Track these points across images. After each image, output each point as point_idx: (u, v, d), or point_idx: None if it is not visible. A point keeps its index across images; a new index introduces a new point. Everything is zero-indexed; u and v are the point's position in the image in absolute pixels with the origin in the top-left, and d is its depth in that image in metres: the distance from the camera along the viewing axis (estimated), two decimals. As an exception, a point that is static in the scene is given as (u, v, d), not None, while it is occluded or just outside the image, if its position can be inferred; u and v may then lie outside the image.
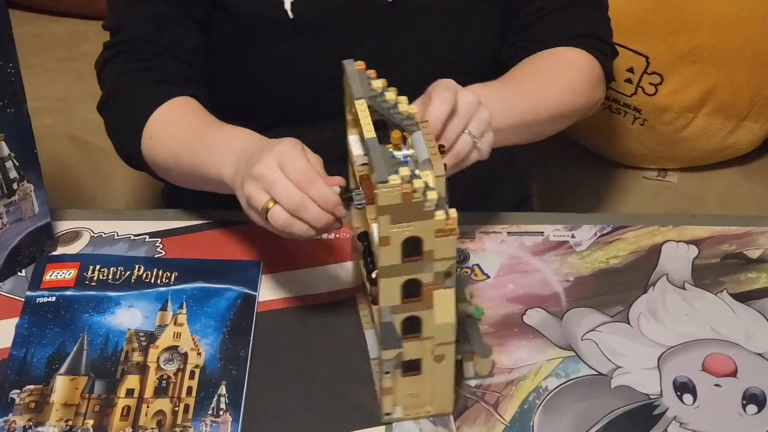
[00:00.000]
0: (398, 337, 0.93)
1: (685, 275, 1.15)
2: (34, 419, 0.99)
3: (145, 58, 1.16)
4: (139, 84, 1.15)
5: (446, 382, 0.98)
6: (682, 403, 1.02)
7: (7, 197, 1.11)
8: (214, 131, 1.08)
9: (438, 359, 0.96)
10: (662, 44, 1.55)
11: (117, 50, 1.18)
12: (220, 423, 0.99)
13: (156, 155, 1.12)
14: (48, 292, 1.11)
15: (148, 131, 1.12)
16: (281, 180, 0.95)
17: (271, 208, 0.96)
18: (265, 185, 0.96)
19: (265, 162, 0.96)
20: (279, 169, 0.95)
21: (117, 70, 1.17)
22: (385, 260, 0.89)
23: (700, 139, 1.64)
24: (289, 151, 0.96)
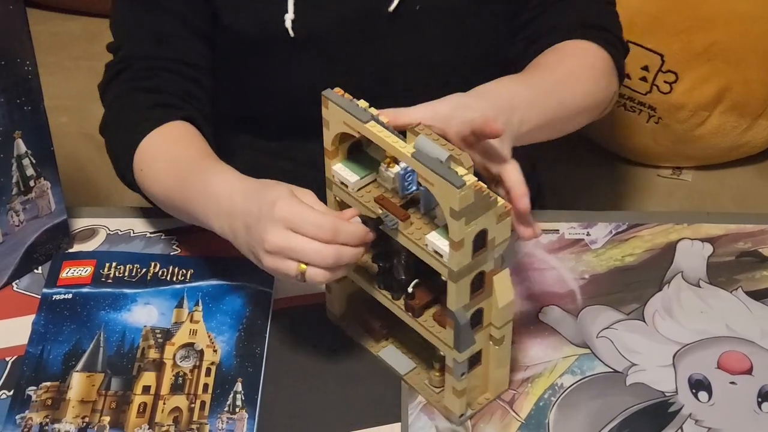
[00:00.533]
0: (472, 334, 0.94)
1: (700, 273, 1.15)
2: (51, 416, 1.00)
3: (143, 76, 1.14)
4: (132, 109, 1.13)
5: (505, 361, 0.99)
6: (697, 400, 1.02)
7: (23, 194, 1.11)
8: (198, 174, 1.03)
9: (497, 342, 0.96)
10: (677, 42, 1.55)
11: (117, 70, 1.16)
12: (236, 420, 1.00)
13: (148, 189, 1.10)
14: (64, 289, 1.11)
15: (138, 163, 1.09)
16: (304, 244, 0.90)
17: (306, 271, 0.91)
18: (288, 255, 0.91)
19: (275, 233, 0.91)
20: (293, 234, 0.91)
21: (115, 92, 1.15)
22: (458, 263, 0.89)
23: (715, 137, 1.64)
24: (291, 209, 0.91)
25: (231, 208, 0.97)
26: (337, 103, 0.93)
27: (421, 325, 0.97)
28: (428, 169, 0.87)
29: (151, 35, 1.15)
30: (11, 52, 1.04)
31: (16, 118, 1.07)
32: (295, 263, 0.92)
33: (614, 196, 1.66)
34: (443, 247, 0.90)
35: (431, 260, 0.92)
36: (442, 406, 1.00)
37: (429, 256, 0.92)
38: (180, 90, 1.14)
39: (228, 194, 0.98)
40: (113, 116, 1.15)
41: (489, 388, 1.00)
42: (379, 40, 1.15)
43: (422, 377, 1.02)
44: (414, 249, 0.93)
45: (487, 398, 1.01)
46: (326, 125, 0.95)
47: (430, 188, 0.88)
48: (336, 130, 0.95)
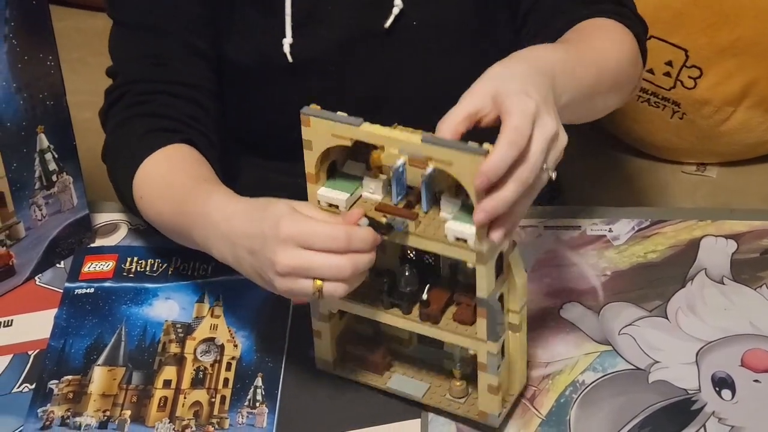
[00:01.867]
0: (504, 319, 0.93)
1: (724, 270, 1.14)
2: (72, 409, 1.00)
3: (142, 101, 1.11)
4: (131, 136, 1.10)
5: (524, 351, 0.97)
6: (720, 398, 1.02)
7: (46, 189, 1.12)
8: (193, 200, 1.00)
9: (516, 328, 0.95)
10: (702, 37, 1.54)
11: (116, 96, 1.13)
12: (257, 414, 1.00)
13: (148, 216, 1.07)
14: (86, 283, 1.12)
15: (136, 190, 1.07)
16: (318, 259, 0.87)
17: (324, 287, 0.88)
18: (302, 274, 0.88)
19: (285, 253, 0.88)
20: (305, 251, 0.87)
21: (115, 120, 1.13)
22: (485, 244, 0.87)
23: (740, 132, 1.63)
24: (299, 225, 0.88)
25: (230, 234, 0.93)
26: (322, 116, 0.89)
27: (442, 331, 0.95)
28: (445, 147, 0.85)
29: (149, 58, 1.12)
30: (34, 47, 1.05)
31: (39, 113, 1.08)
32: (310, 281, 0.88)
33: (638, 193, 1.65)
34: (467, 231, 0.88)
35: (453, 251, 0.90)
36: (474, 414, 0.97)
37: (450, 247, 0.90)
38: (180, 113, 1.11)
39: (225, 218, 0.94)
40: (113, 144, 1.13)
41: (513, 384, 0.99)
42: (376, 58, 1.14)
43: (440, 393, 1.00)
44: (430, 246, 0.91)
45: (512, 395, 0.99)
46: (308, 146, 0.91)
47: (447, 169, 0.86)
48: (321, 149, 0.91)
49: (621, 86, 1.11)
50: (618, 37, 1.12)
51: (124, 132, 1.11)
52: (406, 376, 1.01)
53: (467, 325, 0.94)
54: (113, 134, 1.13)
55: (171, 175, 1.06)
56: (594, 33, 1.11)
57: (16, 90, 1.05)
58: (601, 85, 1.05)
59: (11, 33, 1.02)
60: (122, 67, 1.15)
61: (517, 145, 0.84)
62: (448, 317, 0.95)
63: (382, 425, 0.99)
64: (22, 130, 1.07)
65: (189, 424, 0.99)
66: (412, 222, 0.91)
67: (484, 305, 0.91)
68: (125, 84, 1.13)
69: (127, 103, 1.12)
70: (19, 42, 1.03)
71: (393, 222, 0.91)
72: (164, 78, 1.12)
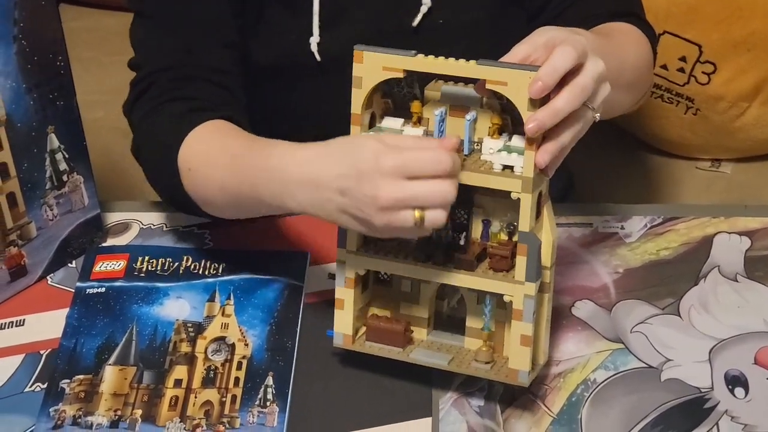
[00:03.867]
0: (540, 263, 0.93)
1: (738, 267, 1.13)
2: (84, 408, 1.00)
3: (173, 87, 1.09)
4: (166, 118, 1.07)
5: (549, 318, 0.97)
6: (733, 396, 1.01)
7: (57, 189, 1.12)
8: (256, 153, 0.98)
9: (547, 288, 0.95)
10: (715, 32, 1.53)
11: (143, 86, 1.11)
12: (267, 413, 1.00)
13: (198, 188, 1.04)
14: (98, 283, 1.12)
15: (183, 163, 1.03)
16: (424, 187, 0.86)
17: (426, 215, 0.87)
18: (406, 205, 0.87)
19: (389, 186, 0.86)
20: (409, 182, 0.86)
21: (143, 111, 1.10)
22: (533, 169, 0.89)
23: (755, 128, 1.62)
24: (401, 156, 0.86)
25: (313, 178, 0.90)
26: (375, 50, 0.92)
27: (479, 278, 0.94)
28: (499, 67, 0.88)
29: (178, 47, 1.11)
30: (44, 47, 1.05)
31: (49, 113, 1.08)
32: (412, 212, 0.87)
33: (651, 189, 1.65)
34: (515, 158, 0.89)
35: (502, 181, 0.90)
36: (504, 375, 0.96)
37: (498, 178, 0.90)
38: (213, 96, 1.10)
39: (300, 164, 0.92)
40: (145, 134, 1.10)
41: (538, 352, 0.97)
42: None
43: (468, 360, 0.98)
44: (479, 180, 0.91)
45: (539, 364, 0.98)
46: (358, 84, 0.93)
47: (502, 90, 0.88)
48: (370, 85, 0.93)
49: (636, 85, 1.12)
50: (636, 38, 1.13)
51: (157, 118, 1.09)
52: (428, 350, 1.00)
53: (502, 272, 0.94)
54: (145, 122, 1.10)
55: (221, 142, 1.03)
56: (615, 31, 1.11)
57: (26, 90, 1.05)
58: (621, 78, 1.04)
59: (21, 33, 1.03)
60: (150, 58, 1.13)
61: (570, 57, 0.88)
62: (484, 267, 0.95)
63: (394, 424, 0.99)
64: (33, 130, 1.08)
65: (200, 423, 0.99)
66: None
67: (524, 240, 0.91)
68: (153, 73, 1.11)
69: (158, 91, 1.10)
70: (28, 42, 1.03)
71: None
72: (195, 64, 1.10)
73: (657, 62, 1.57)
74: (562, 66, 0.87)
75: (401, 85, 0.97)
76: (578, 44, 0.89)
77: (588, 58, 0.90)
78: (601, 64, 0.91)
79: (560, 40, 0.90)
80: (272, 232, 1.17)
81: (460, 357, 0.99)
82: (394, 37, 1.13)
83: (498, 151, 0.91)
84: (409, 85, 0.97)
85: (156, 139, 1.08)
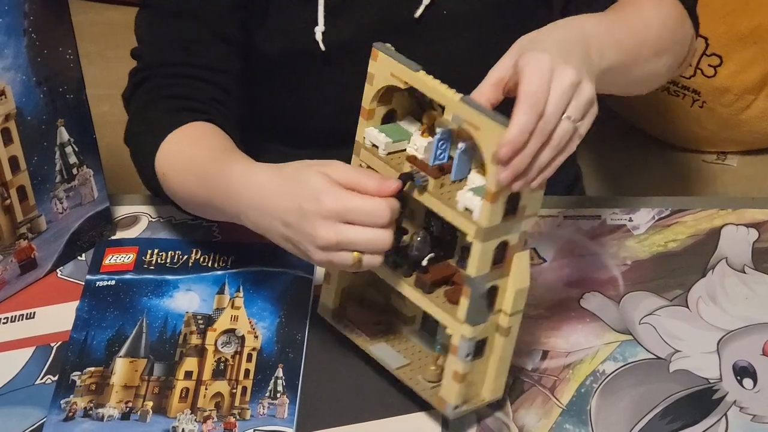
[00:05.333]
0: (486, 309, 0.92)
1: (745, 259, 1.13)
2: (95, 401, 1.01)
3: (167, 84, 1.12)
4: (154, 115, 1.11)
5: (507, 360, 0.96)
6: (742, 387, 1.01)
7: (67, 182, 1.12)
8: (222, 170, 1.01)
9: (505, 332, 0.94)
10: (722, 25, 1.53)
11: (140, 78, 1.14)
12: (277, 405, 1.00)
13: (172, 192, 1.08)
14: (107, 275, 1.12)
15: (159, 167, 1.07)
16: (360, 234, 0.89)
17: (363, 259, 0.90)
18: (343, 248, 0.90)
19: (327, 229, 0.89)
20: (346, 226, 0.89)
21: (138, 102, 1.13)
22: (489, 219, 0.87)
23: (761, 121, 1.62)
24: (341, 202, 0.89)
25: (262, 204, 0.94)
26: (389, 53, 0.93)
27: (428, 301, 0.95)
28: (476, 111, 0.87)
29: (176, 42, 1.13)
30: (53, 41, 1.05)
31: (59, 106, 1.08)
32: (350, 254, 0.90)
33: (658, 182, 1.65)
34: (476, 203, 0.88)
35: (459, 220, 0.90)
36: (436, 399, 0.97)
37: (457, 215, 0.90)
38: (205, 96, 1.12)
39: (252, 190, 0.96)
40: (135, 124, 1.13)
41: (485, 389, 0.97)
42: (407, 47, 1.12)
43: (416, 372, 0.99)
44: (440, 209, 0.91)
45: (482, 400, 0.97)
46: (370, 80, 0.94)
47: (474, 133, 0.87)
48: (380, 84, 0.94)
49: (667, 49, 1.07)
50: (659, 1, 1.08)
51: (146, 113, 1.12)
52: (391, 348, 1.01)
53: (454, 304, 0.93)
54: (136, 115, 1.14)
55: (193, 149, 1.06)
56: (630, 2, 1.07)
57: (36, 84, 1.06)
58: (645, 47, 1.02)
59: (30, 27, 1.03)
60: (148, 50, 1.15)
61: (534, 109, 0.85)
62: (440, 292, 0.95)
63: (404, 415, 0.99)
64: (43, 123, 1.08)
65: (210, 415, 0.99)
66: (433, 181, 0.92)
67: (469, 284, 0.90)
68: (150, 67, 1.14)
69: (152, 86, 1.13)
70: (38, 36, 1.04)
71: (415, 174, 0.92)
72: (190, 62, 1.13)
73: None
74: (528, 125, 0.85)
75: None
76: (541, 68, 0.86)
77: (554, 76, 0.86)
78: (569, 73, 0.87)
79: (524, 58, 0.88)
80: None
81: (414, 366, 0.99)
82: (400, 28, 1.14)
83: (469, 190, 0.90)
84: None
85: (141, 135, 1.11)
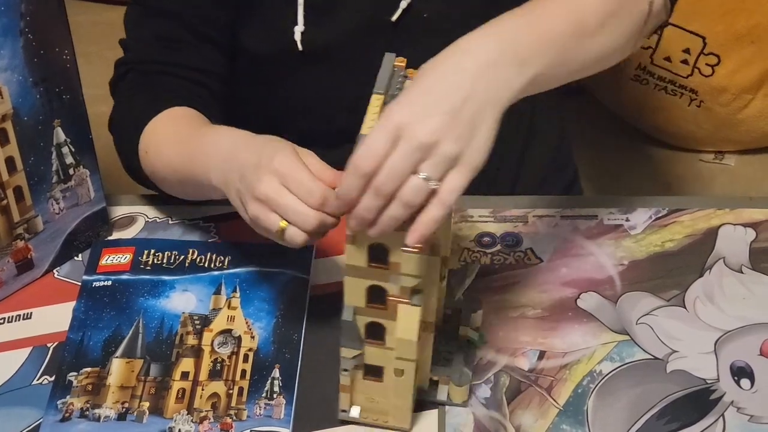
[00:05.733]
0: (359, 338, 0.92)
1: (743, 258, 1.13)
2: (92, 401, 1.01)
3: (149, 80, 1.15)
4: (137, 103, 1.14)
5: (405, 398, 0.95)
6: (739, 387, 1.01)
7: (63, 182, 1.12)
8: (199, 135, 1.04)
9: (398, 373, 0.93)
10: (719, 24, 1.53)
11: (124, 70, 1.17)
12: (274, 406, 1.00)
13: (152, 168, 1.10)
14: (104, 276, 1.12)
15: (143, 146, 1.10)
16: (291, 202, 0.90)
17: (286, 229, 0.91)
18: (273, 207, 0.91)
19: (268, 182, 0.91)
20: (285, 189, 0.91)
21: (122, 92, 1.17)
22: (350, 260, 0.87)
23: (759, 120, 1.62)
24: (290, 166, 0.91)
25: (230, 157, 0.97)
26: (383, 66, 0.92)
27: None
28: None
29: (160, 40, 1.15)
30: (50, 41, 1.05)
31: (56, 106, 1.08)
32: (278, 218, 0.92)
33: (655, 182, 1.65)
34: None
35: None
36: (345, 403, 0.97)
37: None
38: (186, 92, 1.14)
39: (230, 144, 0.98)
40: (119, 113, 1.16)
41: (390, 413, 0.97)
42: (386, 49, 1.13)
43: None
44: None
45: (386, 421, 0.97)
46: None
47: None
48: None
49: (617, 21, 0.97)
50: None
51: (129, 103, 1.15)
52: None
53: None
54: (120, 104, 1.17)
55: (176, 126, 1.09)
56: None
57: (33, 84, 1.05)
58: (585, 26, 0.94)
59: (27, 27, 1.02)
60: (133, 45, 1.18)
61: (357, 172, 0.85)
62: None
63: (400, 416, 0.99)
64: (39, 124, 1.08)
65: (207, 415, 0.99)
66: None
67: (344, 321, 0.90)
68: (134, 61, 1.16)
69: (133, 80, 1.16)
70: (35, 36, 1.03)
71: None
72: (172, 61, 1.14)
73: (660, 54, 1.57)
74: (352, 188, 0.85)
75: None
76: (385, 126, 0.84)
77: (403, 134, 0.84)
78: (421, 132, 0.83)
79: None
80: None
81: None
82: (378, 30, 1.13)
83: None
84: None
85: (124, 121, 1.14)
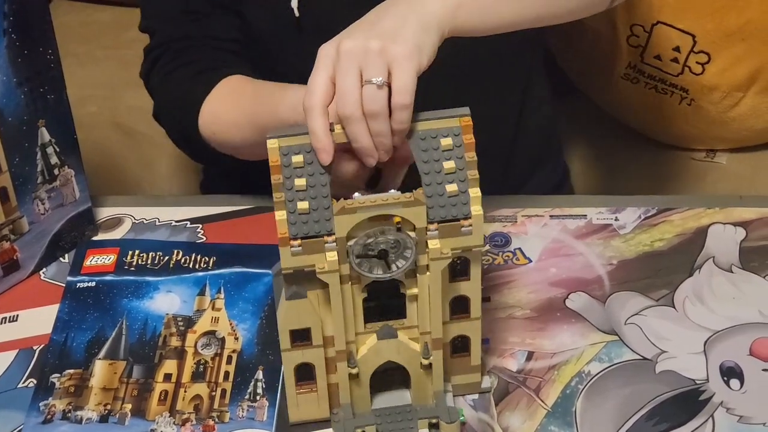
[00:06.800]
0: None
1: (733, 258, 1.13)
2: (74, 403, 1.00)
3: (184, 55, 1.16)
4: (180, 85, 1.15)
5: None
6: (728, 388, 1.00)
7: (48, 183, 1.12)
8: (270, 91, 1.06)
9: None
10: (710, 22, 1.52)
11: (156, 54, 1.18)
12: (257, 408, 0.99)
13: (224, 147, 1.11)
14: (88, 277, 1.12)
15: (206, 131, 1.11)
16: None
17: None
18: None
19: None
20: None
21: (157, 78, 1.17)
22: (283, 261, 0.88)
23: (750, 118, 1.61)
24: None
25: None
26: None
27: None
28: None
29: (182, 16, 1.16)
30: (33, 41, 1.05)
31: (40, 106, 1.08)
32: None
33: (646, 180, 1.64)
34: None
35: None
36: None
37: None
38: (221, 60, 1.15)
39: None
40: (163, 100, 1.17)
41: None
42: None
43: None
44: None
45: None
46: None
47: None
48: None
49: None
50: None
51: (171, 85, 1.16)
52: None
53: None
54: (160, 92, 1.18)
55: (236, 97, 1.10)
56: None
57: (17, 84, 1.05)
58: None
59: (10, 27, 1.02)
60: (158, 26, 1.19)
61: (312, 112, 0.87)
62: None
63: (386, 417, 0.98)
64: (24, 124, 1.07)
65: (189, 417, 0.99)
66: None
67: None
68: (162, 44, 1.18)
69: (167, 60, 1.17)
70: (18, 36, 1.03)
71: None
72: (200, 33, 1.16)
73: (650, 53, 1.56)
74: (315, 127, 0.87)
75: None
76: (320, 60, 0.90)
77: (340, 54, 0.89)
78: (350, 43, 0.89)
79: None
80: (263, 226, 1.17)
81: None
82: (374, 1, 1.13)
83: None
84: None
85: (175, 109, 1.15)
